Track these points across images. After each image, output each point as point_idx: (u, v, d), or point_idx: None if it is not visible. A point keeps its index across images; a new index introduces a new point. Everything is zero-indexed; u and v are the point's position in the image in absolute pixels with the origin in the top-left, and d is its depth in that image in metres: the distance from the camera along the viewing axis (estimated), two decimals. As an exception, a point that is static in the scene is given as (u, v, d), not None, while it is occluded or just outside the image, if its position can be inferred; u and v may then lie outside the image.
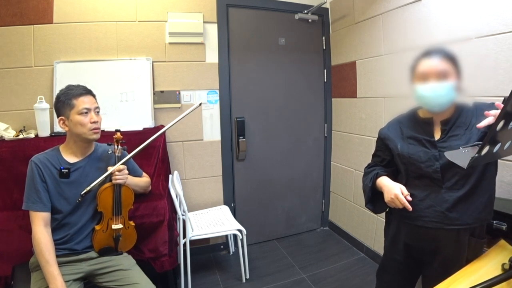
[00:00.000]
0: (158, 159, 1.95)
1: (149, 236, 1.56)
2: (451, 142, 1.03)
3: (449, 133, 1.05)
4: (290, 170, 2.69)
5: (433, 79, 0.99)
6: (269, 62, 2.52)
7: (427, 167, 1.05)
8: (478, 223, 1.03)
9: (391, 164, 1.23)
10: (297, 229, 2.79)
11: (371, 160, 1.31)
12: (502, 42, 1.35)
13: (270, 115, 2.56)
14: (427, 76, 1.00)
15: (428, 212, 1.06)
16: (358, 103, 2.36)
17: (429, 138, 1.07)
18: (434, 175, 1.04)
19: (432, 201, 1.05)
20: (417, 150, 1.09)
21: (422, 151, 1.07)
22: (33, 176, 1.24)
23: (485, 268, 0.84)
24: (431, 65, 0.99)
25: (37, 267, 1.22)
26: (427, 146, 1.07)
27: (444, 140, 1.05)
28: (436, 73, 0.98)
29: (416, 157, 1.08)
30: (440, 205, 1.03)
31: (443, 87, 0.98)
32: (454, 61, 1.01)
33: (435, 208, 1.04)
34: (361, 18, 2.25)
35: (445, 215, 1.03)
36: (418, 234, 1.12)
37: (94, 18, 2.03)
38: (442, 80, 0.98)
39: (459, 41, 1.53)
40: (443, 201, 1.03)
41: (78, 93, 1.28)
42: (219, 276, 2.14)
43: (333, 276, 2.10)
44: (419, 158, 1.07)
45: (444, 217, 1.03)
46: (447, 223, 1.03)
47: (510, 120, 0.58)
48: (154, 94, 2.14)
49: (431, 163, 1.05)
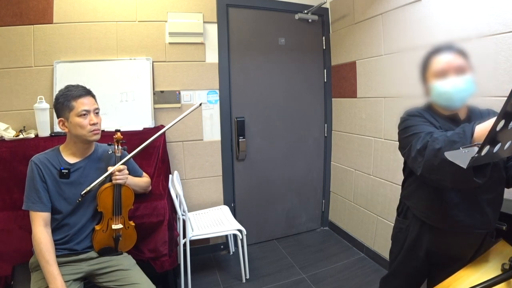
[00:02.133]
0: (158, 159, 1.95)
1: (149, 236, 1.56)
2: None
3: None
4: (290, 170, 2.69)
5: (452, 74, 0.96)
6: (269, 62, 2.52)
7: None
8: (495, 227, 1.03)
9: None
10: (297, 229, 2.79)
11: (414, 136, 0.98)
12: (502, 42, 1.35)
13: (270, 115, 2.56)
14: (445, 72, 0.97)
15: (462, 216, 1.00)
16: (358, 103, 2.36)
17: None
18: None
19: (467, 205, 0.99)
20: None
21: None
22: (33, 176, 1.24)
23: (485, 268, 0.84)
24: (449, 60, 0.97)
25: (37, 267, 1.22)
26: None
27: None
28: (455, 68, 0.96)
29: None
30: (475, 209, 0.99)
31: (464, 81, 0.96)
32: (466, 56, 0.99)
33: (469, 212, 0.99)
34: (361, 18, 2.25)
35: (478, 220, 0.99)
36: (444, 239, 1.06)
37: (94, 18, 2.03)
38: (461, 74, 0.96)
39: (459, 41, 1.53)
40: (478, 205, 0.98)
41: (77, 95, 1.27)
42: (219, 276, 2.14)
43: (333, 276, 2.10)
44: None
45: (477, 220, 0.99)
46: (479, 227, 1.00)
47: (510, 120, 0.58)
48: (154, 94, 2.14)
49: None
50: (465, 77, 0.96)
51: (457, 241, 1.04)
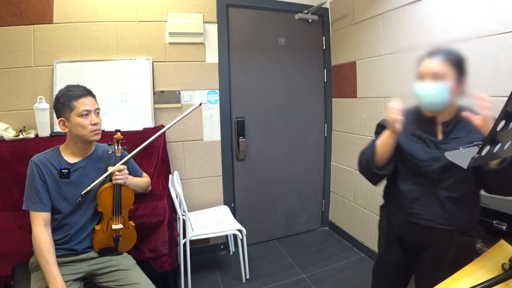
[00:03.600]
0: (158, 159, 1.95)
1: (149, 236, 1.56)
2: (452, 144, 1.03)
3: (451, 135, 1.06)
4: (290, 170, 2.69)
5: (428, 79, 1.02)
6: (269, 62, 2.52)
7: (425, 166, 1.07)
8: (468, 225, 1.06)
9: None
10: (297, 229, 2.79)
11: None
12: (502, 42, 1.35)
13: (270, 115, 2.56)
14: (424, 76, 1.03)
15: (422, 210, 1.08)
16: (358, 103, 2.36)
17: (433, 138, 1.08)
18: (431, 175, 1.06)
19: (427, 200, 1.08)
20: (418, 148, 1.10)
21: (424, 151, 1.08)
22: (33, 176, 1.24)
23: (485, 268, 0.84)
24: (429, 66, 1.02)
25: (37, 267, 1.22)
26: (429, 146, 1.08)
27: (446, 142, 1.06)
28: (432, 74, 1.01)
29: (416, 155, 1.09)
30: (434, 204, 1.06)
31: (434, 87, 1.00)
32: (457, 64, 1.01)
33: (429, 207, 1.07)
34: (361, 18, 2.25)
35: (438, 215, 1.05)
36: (410, 229, 1.14)
37: (94, 18, 2.03)
38: (437, 80, 1.00)
39: (459, 41, 1.53)
40: (437, 201, 1.05)
41: (78, 95, 1.27)
42: (219, 276, 2.15)
43: (333, 276, 2.10)
44: (419, 157, 1.08)
45: (438, 216, 1.06)
46: (439, 222, 1.05)
47: (510, 120, 0.58)
48: (154, 94, 2.14)
49: (430, 163, 1.06)
50: (438, 85, 1.00)
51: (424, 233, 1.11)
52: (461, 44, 1.50)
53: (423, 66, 1.05)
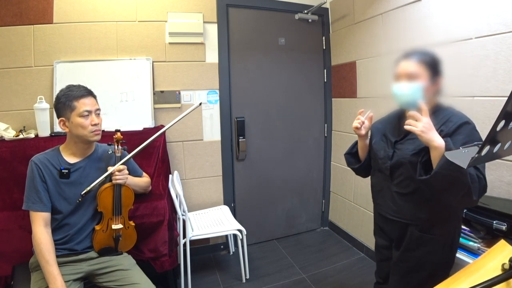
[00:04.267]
0: (158, 159, 1.95)
1: (149, 236, 1.56)
2: (406, 144, 1.10)
3: (409, 135, 1.10)
4: (290, 170, 2.69)
5: (403, 80, 1.07)
6: (269, 62, 2.52)
7: (382, 163, 1.19)
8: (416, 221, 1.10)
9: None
10: (297, 229, 2.79)
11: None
12: (502, 42, 1.35)
13: (270, 115, 2.56)
14: (399, 77, 1.09)
15: (382, 202, 1.23)
16: (358, 103, 2.36)
17: (391, 137, 1.17)
18: (385, 171, 1.17)
19: (384, 193, 1.20)
20: (380, 146, 1.21)
21: (383, 149, 1.19)
22: (33, 176, 1.24)
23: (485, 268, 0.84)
24: (404, 67, 1.08)
25: (37, 267, 1.22)
26: (388, 145, 1.17)
27: (402, 142, 1.13)
28: (407, 74, 1.06)
29: (377, 153, 1.21)
30: (388, 198, 1.18)
31: (408, 87, 1.05)
32: (431, 65, 1.05)
33: (385, 199, 1.20)
34: (361, 18, 2.25)
35: (390, 207, 1.17)
36: (377, 217, 1.30)
37: (94, 18, 2.03)
38: (411, 81, 1.04)
39: (459, 41, 1.53)
40: (391, 195, 1.17)
41: (79, 95, 1.27)
42: (219, 276, 2.15)
43: (333, 276, 2.10)
44: (379, 154, 1.20)
45: (390, 208, 1.18)
46: (391, 214, 1.17)
47: (510, 120, 0.58)
48: (154, 94, 2.14)
49: (385, 160, 1.17)
50: (411, 84, 1.04)
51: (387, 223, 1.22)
52: (461, 44, 1.51)
53: (399, 67, 1.10)
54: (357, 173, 1.38)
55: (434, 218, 1.09)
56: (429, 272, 1.11)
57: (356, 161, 1.36)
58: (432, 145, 0.94)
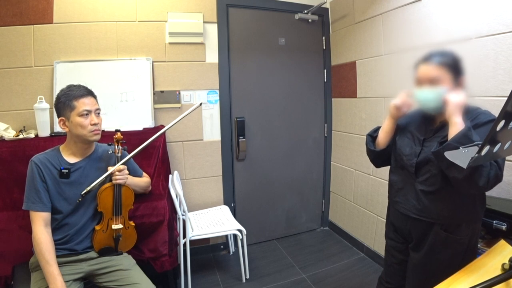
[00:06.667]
0: (158, 159, 1.95)
1: (149, 236, 1.56)
2: (434, 141, 1.09)
3: (437, 133, 1.09)
4: (290, 170, 2.69)
5: (426, 84, 1.04)
6: (269, 62, 2.52)
7: (407, 160, 1.16)
8: (443, 221, 1.08)
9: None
10: (297, 229, 2.79)
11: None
12: (502, 42, 1.35)
13: (270, 115, 2.56)
14: (421, 81, 1.06)
15: (403, 199, 1.19)
16: (358, 103, 2.36)
17: (419, 135, 1.15)
18: (410, 168, 1.14)
19: (407, 191, 1.17)
20: (406, 143, 1.18)
21: (409, 146, 1.16)
22: (33, 176, 1.24)
23: (485, 268, 0.84)
24: (425, 72, 1.05)
25: (37, 267, 1.22)
26: (415, 142, 1.15)
27: (430, 140, 1.11)
28: (429, 79, 1.03)
29: (402, 149, 1.18)
30: (412, 196, 1.15)
31: (432, 93, 1.02)
32: (452, 66, 1.03)
33: (407, 197, 1.17)
34: (361, 18, 2.25)
35: (413, 206, 1.14)
36: (395, 215, 1.25)
37: (94, 18, 2.03)
38: (434, 85, 1.02)
39: (459, 41, 1.53)
40: (415, 193, 1.13)
41: (79, 94, 1.27)
42: (219, 276, 2.15)
43: (333, 276, 2.10)
44: (404, 151, 1.17)
45: (413, 207, 1.14)
46: (414, 212, 1.14)
47: (510, 120, 0.58)
48: (154, 94, 2.14)
49: (410, 157, 1.14)
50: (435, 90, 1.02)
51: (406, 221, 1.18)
52: (461, 44, 1.51)
53: (419, 72, 1.07)
54: (375, 157, 1.32)
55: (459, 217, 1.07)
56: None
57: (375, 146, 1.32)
58: (453, 120, 0.95)
